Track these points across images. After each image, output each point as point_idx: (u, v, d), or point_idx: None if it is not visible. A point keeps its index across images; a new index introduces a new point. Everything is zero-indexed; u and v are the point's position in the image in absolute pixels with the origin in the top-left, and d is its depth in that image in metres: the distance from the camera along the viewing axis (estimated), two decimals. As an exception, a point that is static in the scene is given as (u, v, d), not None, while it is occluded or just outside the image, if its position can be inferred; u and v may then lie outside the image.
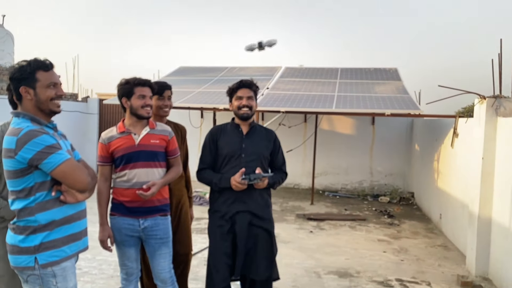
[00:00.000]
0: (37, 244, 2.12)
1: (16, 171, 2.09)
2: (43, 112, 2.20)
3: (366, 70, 10.58)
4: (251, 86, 3.16)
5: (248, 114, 3.11)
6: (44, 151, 2.06)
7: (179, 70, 11.53)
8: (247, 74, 10.40)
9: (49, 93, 2.18)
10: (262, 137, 3.20)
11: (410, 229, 7.01)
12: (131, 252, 2.93)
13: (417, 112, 6.99)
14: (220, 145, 3.15)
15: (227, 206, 3.06)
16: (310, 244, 5.94)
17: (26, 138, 2.04)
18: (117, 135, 2.89)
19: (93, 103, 11.92)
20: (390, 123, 10.15)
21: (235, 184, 2.94)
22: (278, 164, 3.26)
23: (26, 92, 2.16)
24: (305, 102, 7.82)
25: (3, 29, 12.04)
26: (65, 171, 2.11)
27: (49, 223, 2.15)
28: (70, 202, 2.21)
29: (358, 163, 10.36)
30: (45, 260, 2.13)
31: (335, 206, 8.69)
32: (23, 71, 2.15)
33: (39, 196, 2.14)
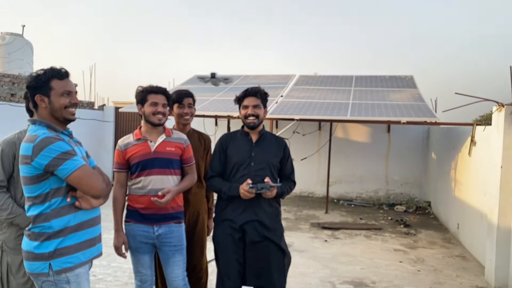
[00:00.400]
0: (51, 250, 2.14)
1: (32, 177, 2.12)
2: (57, 119, 2.24)
3: (381, 78, 10.51)
4: (257, 94, 3.11)
5: (254, 123, 3.08)
6: (59, 157, 2.08)
7: (193, 79, 11.59)
8: (261, 82, 10.42)
9: (63, 101, 2.22)
10: (272, 145, 3.17)
11: (427, 239, 6.90)
12: (146, 259, 2.93)
13: (434, 120, 6.90)
14: (229, 153, 3.13)
15: (236, 215, 3.04)
16: (325, 253, 5.88)
17: (42, 145, 2.07)
18: (133, 142, 2.92)
19: (109, 111, 12.07)
20: (406, 131, 10.04)
21: (243, 192, 2.92)
22: (287, 172, 3.21)
23: (41, 100, 2.20)
24: (320, 109, 7.79)
25: (22, 38, 12.32)
26: (80, 177, 2.13)
27: (63, 229, 2.16)
28: (85, 208, 2.23)
29: (373, 171, 10.26)
30: (59, 267, 2.15)
31: (350, 215, 8.61)
32: (38, 80, 2.19)
33: (55, 202, 2.16)
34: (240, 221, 3.02)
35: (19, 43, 12.05)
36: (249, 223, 3.02)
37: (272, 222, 3.08)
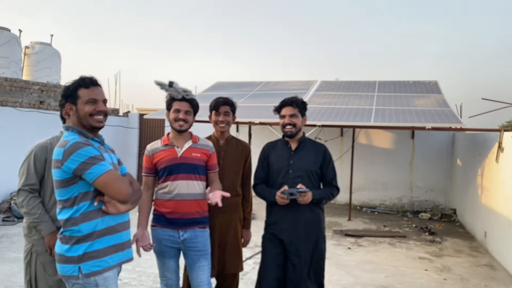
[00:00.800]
0: (80, 254, 2.20)
1: (62, 181, 2.19)
2: (85, 127, 2.31)
3: (405, 83, 10.40)
4: (293, 103, 3.18)
5: (292, 131, 3.16)
6: (87, 162, 2.15)
7: (215, 85, 11.72)
8: (282, 89, 10.44)
9: (87, 109, 2.29)
10: (311, 152, 3.21)
11: (453, 247, 6.75)
12: (171, 263, 2.98)
13: (459, 126, 6.78)
14: (270, 161, 3.25)
15: (278, 220, 3.14)
16: (349, 261, 5.82)
17: (71, 149, 2.15)
18: (161, 147, 2.99)
19: (133, 118, 12.28)
20: (430, 137, 9.88)
21: (277, 199, 3.01)
22: (329, 178, 3.24)
23: (70, 109, 2.31)
24: (342, 115, 7.75)
25: (51, 48, 12.68)
26: (106, 182, 2.17)
27: (91, 233, 2.21)
28: (112, 212, 2.27)
29: (397, 178, 10.12)
30: (88, 270, 2.20)
31: (374, 223, 8.50)
32: (67, 89, 2.32)
33: (83, 206, 2.21)
34: (280, 227, 3.12)
35: (48, 52, 12.41)
36: (287, 230, 3.09)
37: (309, 229, 3.11)
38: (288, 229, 3.09)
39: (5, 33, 10.98)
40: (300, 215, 3.09)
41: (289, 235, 3.08)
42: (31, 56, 12.14)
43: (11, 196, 8.10)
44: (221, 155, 3.29)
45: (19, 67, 11.41)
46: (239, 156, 3.37)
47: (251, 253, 4.06)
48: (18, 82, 9.39)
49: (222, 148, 3.33)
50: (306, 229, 3.09)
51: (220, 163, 3.25)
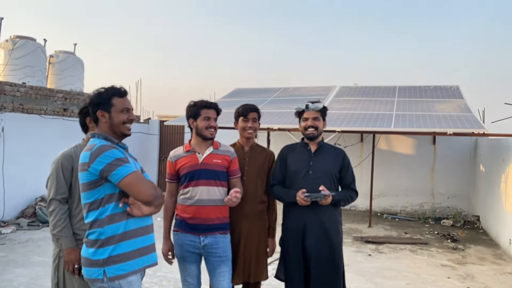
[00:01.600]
0: (105, 257, 2.23)
1: (89, 183, 2.25)
2: (115, 134, 2.39)
3: (426, 88, 10.29)
4: (316, 108, 3.25)
5: (314, 134, 3.20)
6: (113, 163, 2.21)
7: (234, 92, 11.81)
8: (301, 94, 10.45)
9: (122, 117, 2.38)
10: (331, 155, 3.25)
11: (476, 255, 6.62)
12: (192, 268, 3.00)
13: (482, 131, 6.68)
14: (289, 163, 3.27)
15: (296, 221, 3.15)
16: (369, 268, 5.77)
17: (98, 152, 2.22)
18: (183, 154, 3.04)
19: (154, 125, 12.45)
20: (452, 142, 9.73)
21: (299, 200, 3.02)
22: (347, 182, 3.27)
23: (102, 116, 2.36)
24: (362, 121, 7.71)
25: (74, 56, 12.99)
26: (131, 182, 2.22)
27: (116, 235, 2.25)
28: (136, 215, 2.30)
29: (418, 184, 9.98)
30: (112, 273, 2.23)
31: (395, 229, 8.40)
32: (101, 97, 2.38)
33: (108, 207, 2.26)
34: (299, 228, 3.13)
35: (71, 60, 12.72)
36: (306, 230, 3.11)
37: (330, 229, 3.13)
38: (307, 230, 3.10)
39: (31, 43, 11.31)
40: (318, 216, 3.10)
41: (309, 237, 3.10)
42: (55, 64, 12.46)
43: (36, 201, 8.30)
44: (246, 162, 3.27)
45: (44, 75, 11.72)
46: (263, 163, 3.35)
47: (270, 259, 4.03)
48: (43, 90, 9.63)
49: (247, 155, 3.31)
50: (325, 231, 3.10)
51: (245, 169, 3.25)
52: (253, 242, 3.23)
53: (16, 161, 8.02)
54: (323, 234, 3.09)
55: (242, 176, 3.23)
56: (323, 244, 3.09)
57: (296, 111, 3.32)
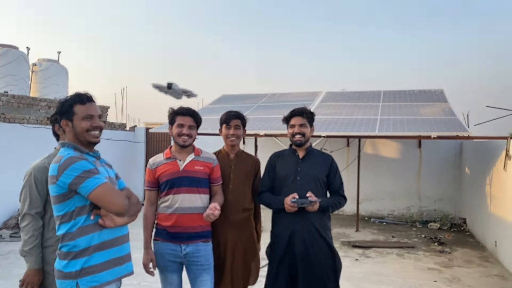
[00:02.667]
0: (78, 269, 2.19)
1: (59, 196, 2.21)
2: (81, 142, 2.32)
3: (410, 92, 10.36)
4: (303, 114, 3.26)
5: (301, 141, 3.22)
6: (81, 176, 2.16)
7: (221, 98, 11.77)
8: (288, 100, 10.45)
9: (84, 124, 2.30)
10: (318, 160, 3.27)
11: (463, 257, 6.65)
12: (174, 278, 2.96)
13: (466, 134, 6.73)
14: (277, 169, 3.28)
15: (284, 228, 3.14)
16: (356, 273, 5.75)
17: (66, 164, 2.17)
18: (163, 161, 2.99)
19: (140, 132, 12.33)
20: (437, 146, 9.80)
21: (286, 206, 3.02)
22: (335, 187, 3.29)
23: (66, 125, 2.32)
24: (347, 126, 7.73)
25: (58, 64, 12.84)
26: (101, 194, 2.18)
27: (88, 247, 2.21)
28: (109, 226, 2.26)
29: (405, 188, 10.02)
30: (85, 285, 2.19)
31: (382, 233, 8.41)
32: (62, 106, 2.32)
33: (79, 220, 2.21)
34: (287, 234, 3.11)
35: (55, 68, 12.56)
36: (295, 236, 3.09)
37: (320, 234, 3.12)
38: (296, 237, 3.08)
39: (13, 51, 11.15)
40: (308, 222, 3.09)
41: (298, 244, 3.08)
42: (39, 73, 12.30)
43: (19, 212, 8.13)
44: (232, 169, 3.25)
45: (26, 84, 11.56)
46: (249, 170, 3.33)
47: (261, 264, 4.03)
48: (26, 99, 9.51)
49: (232, 162, 3.28)
50: (315, 237, 3.09)
51: (231, 177, 3.23)
52: (240, 249, 3.21)
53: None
54: (312, 240, 3.08)
55: (228, 183, 3.20)
56: (312, 250, 3.07)
57: (284, 117, 3.33)
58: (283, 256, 3.12)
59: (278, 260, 3.15)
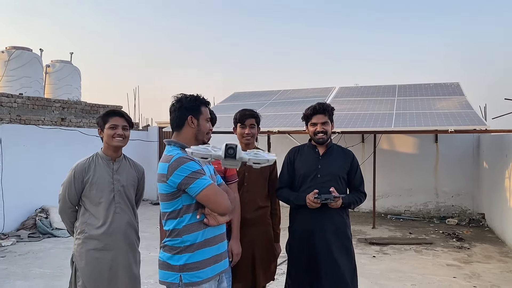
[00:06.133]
0: (181, 264, 2.30)
1: (168, 195, 2.30)
2: (197, 141, 2.43)
3: (426, 86, 10.21)
4: (325, 112, 3.15)
5: (323, 139, 3.14)
6: (190, 177, 2.23)
7: (233, 96, 11.75)
8: (300, 97, 10.39)
9: (207, 126, 2.50)
10: (339, 157, 3.19)
11: (482, 253, 6.52)
12: None
13: (483, 128, 6.60)
14: (296, 166, 3.21)
15: (304, 224, 3.09)
16: (373, 270, 5.68)
17: (176, 164, 2.25)
18: None
19: (153, 131, 12.38)
20: (454, 140, 9.64)
21: (309, 202, 2.96)
22: (356, 184, 3.22)
23: (191, 121, 2.40)
24: (362, 121, 7.64)
25: (71, 65, 12.95)
26: (208, 196, 2.25)
27: (193, 244, 2.30)
28: (212, 225, 2.34)
29: (422, 183, 9.88)
30: (188, 280, 2.29)
31: (399, 230, 8.31)
32: (193, 102, 2.43)
33: (186, 218, 2.31)
34: (308, 230, 3.06)
35: (68, 69, 12.67)
36: (315, 233, 3.04)
37: (338, 234, 3.07)
38: (316, 234, 3.03)
39: (27, 53, 11.26)
40: (328, 219, 3.04)
41: (318, 241, 3.03)
42: (52, 74, 12.41)
43: (36, 212, 8.24)
44: (246, 167, 3.18)
45: (40, 85, 11.67)
46: (264, 168, 3.32)
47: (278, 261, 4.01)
48: (40, 101, 9.59)
49: None
50: (335, 234, 3.05)
51: (246, 175, 3.21)
52: (257, 247, 3.20)
53: (15, 172, 7.96)
54: (334, 237, 3.04)
55: (243, 181, 3.19)
56: (334, 248, 3.02)
57: (304, 115, 3.24)
58: (303, 253, 3.07)
59: (298, 257, 3.11)
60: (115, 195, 2.86)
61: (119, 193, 2.88)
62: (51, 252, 6.57)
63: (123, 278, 2.84)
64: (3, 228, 7.74)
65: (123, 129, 2.89)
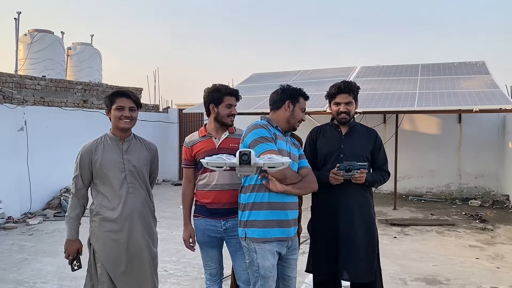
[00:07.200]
0: (244, 220, 2.60)
1: None
2: (289, 124, 2.76)
3: (450, 65, 9.96)
4: (350, 91, 3.06)
5: (346, 119, 3.07)
6: (257, 140, 2.55)
7: (252, 77, 11.69)
8: (321, 77, 10.27)
9: (301, 115, 2.78)
10: (363, 136, 3.13)
11: (506, 235, 6.43)
12: (214, 253, 3.00)
13: (510, 107, 6.42)
14: (318, 146, 3.15)
15: (327, 203, 3.04)
16: (395, 250, 5.66)
17: (251, 128, 2.63)
18: (199, 139, 3.00)
19: (173, 113, 12.48)
20: (478, 120, 9.42)
21: (332, 176, 2.90)
22: (379, 163, 3.14)
23: (288, 106, 2.74)
24: (384, 101, 7.52)
25: (91, 47, 13.07)
26: None
27: (254, 203, 2.56)
28: (271, 189, 2.55)
29: (444, 164, 9.73)
30: (249, 235, 2.57)
31: (420, 211, 8.23)
32: (293, 92, 2.79)
33: (254, 178, 2.58)
34: (330, 210, 3.02)
35: (89, 52, 12.80)
36: (338, 212, 2.99)
37: (364, 210, 3.04)
38: (340, 212, 2.99)
39: (49, 36, 11.40)
40: (351, 199, 2.99)
41: (342, 220, 2.98)
42: (73, 56, 12.56)
43: (61, 192, 8.44)
44: None
45: (63, 68, 11.83)
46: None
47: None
48: (63, 83, 9.73)
49: None
50: (358, 214, 3.01)
51: None
52: None
53: (40, 153, 8.15)
54: (357, 216, 2.99)
55: None
56: (357, 227, 2.98)
57: (328, 93, 3.15)
58: (326, 232, 3.03)
59: (320, 237, 3.08)
60: (127, 175, 2.80)
61: (131, 173, 2.82)
62: (77, 231, 6.74)
63: (140, 258, 2.83)
64: (30, 207, 7.97)
65: (130, 110, 2.79)
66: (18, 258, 5.43)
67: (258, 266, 2.54)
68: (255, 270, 2.56)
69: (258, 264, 2.54)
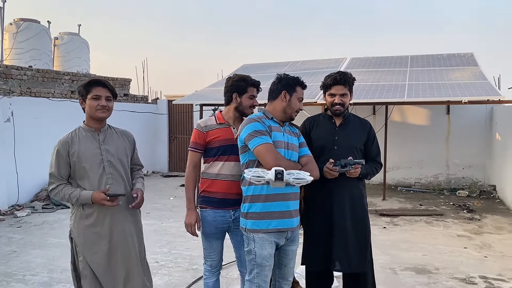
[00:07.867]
0: (245, 211, 2.65)
1: (240, 148, 2.70)
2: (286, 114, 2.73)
3: (439, 56, 10.01)
4: (346, 83, 3.03)
5: (340, 111, 3.05)
6: (251, 134, 2.58)
7: (242, 68, 11.62)
8: (311, 68, 10.25)
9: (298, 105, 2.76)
10: (356, 128, 3.12)
11: (493, 224, 6.53)
12: (218, 244, 3.00)
13: (497, 98, 6.49)
14: (312, 137, 3.13)
15: (321, 196, 3.03)
16: (384, 240, 5.71)
17: (245, 123, 2.66)
18: (216, 125, 2.94)
19: (162, 104, 12.38)
20: (467, 111, 9.51)
21: (327, 171, 2.88)
22: (373, 155, 3.15)
23: (284, 96, 2.72)
24: (374, 92, 7.54)
25: (79, 37, 12.87)
26: (259, 151, 2.54)
27: (254, 195, 2.61)
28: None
29: (433, 155, 9.82)
30: (250, 226, 2.62)
31: (409, 201, 8.32)
32: (290, 81, 2.76)
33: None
34: (324, 202, 3.02)
35: (76, 42, 12.60)
36: (332, 204, 3.00)
37: (358, 203, 3.05)
38: (334, 205, 3.00)
39: (35, 25, 11.19)
40: (345, 191, 3.00)
41: (335, 211, 2.99)
42: (61, 46, 12.36)
43: (49, 184, 8.35)
44: None
45: (49, 58, 11.64)
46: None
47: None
48: (50, 73, 9.59)
49: None
50: (352, 205, 3.02)
51: None
52: None
53: (27, 145, 8.04)
54: (351, 208, 3.01)
55: None
56: (351, 219, 3.00)
57: (323, 84, 3.12)
58: (320, 224, 3.04)
59: (314, 228, 3.09)
60: (105, 166, 2.73)
61: (110, 163, 2.75)
62: (66, 223, 6.68)
63: (124, 251, 2.77)
64: (18, 199, 7.88)
65: (107, 100, 2.72)
66: (6, 250, 5.37)
67: (255, 254, 2.60)
68: (252, 258, 2.62)
69: (255, 252, 2.59)
